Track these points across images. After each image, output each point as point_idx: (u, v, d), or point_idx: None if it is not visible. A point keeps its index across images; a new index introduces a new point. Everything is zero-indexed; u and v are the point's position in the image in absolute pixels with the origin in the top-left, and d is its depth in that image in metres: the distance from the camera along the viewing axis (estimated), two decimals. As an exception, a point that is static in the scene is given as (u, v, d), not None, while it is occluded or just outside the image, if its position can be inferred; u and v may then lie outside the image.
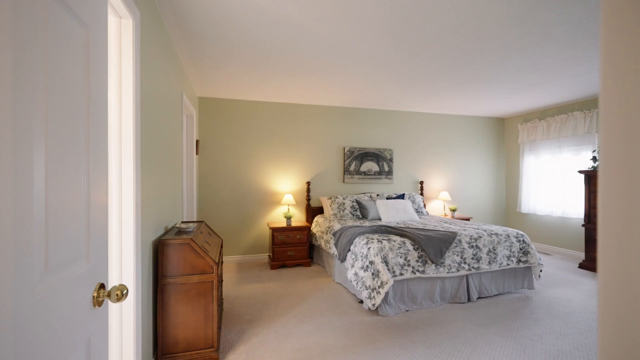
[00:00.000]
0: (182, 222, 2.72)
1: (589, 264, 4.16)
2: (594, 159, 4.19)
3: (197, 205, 4.24)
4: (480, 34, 2.49)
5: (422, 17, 2.24)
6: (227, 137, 4.53)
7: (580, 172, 4.25)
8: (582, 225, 4.28)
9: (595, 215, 4.12)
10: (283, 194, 4.74)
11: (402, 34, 2.50)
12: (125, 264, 1.55)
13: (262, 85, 3.91)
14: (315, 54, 2.92)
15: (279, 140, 4.73)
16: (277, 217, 4.73)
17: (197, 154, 4.12)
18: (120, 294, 0.88)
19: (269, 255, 4.56)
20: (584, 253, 4.49)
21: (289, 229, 4.23)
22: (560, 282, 3.68)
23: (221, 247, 2.77)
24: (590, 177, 4.19)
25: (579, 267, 4.26)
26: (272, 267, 4.19)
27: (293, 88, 4.01)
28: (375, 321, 2.69)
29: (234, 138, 4.56)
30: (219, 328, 2.23)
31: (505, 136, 5.95)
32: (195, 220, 3.83)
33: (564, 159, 4.87)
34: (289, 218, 4.32)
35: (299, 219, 4.82)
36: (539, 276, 3.31)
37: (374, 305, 2.70)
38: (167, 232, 2.29)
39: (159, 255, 1.96)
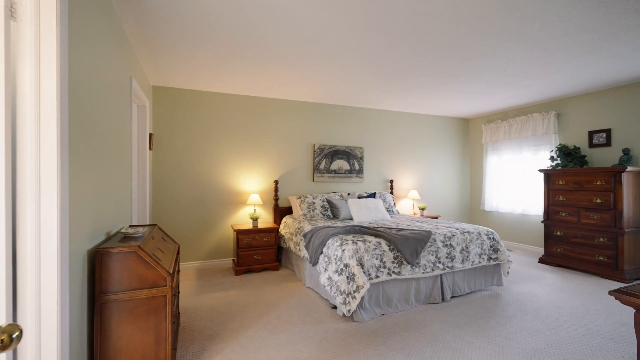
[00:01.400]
0: (130, 226, 2.35)
1: (548, 258, 4.35)
2: (552, 158, 4.40)
3: (150, 206, 3.80)
4: (458, 27, 2.42)
5: (401, 5, 2.10)
6: (185, 132, 4.12)
7: (540, 170, 4.43)
8: (542, 222, 4.47)
9: (554, 212, 4.31)
10: (249, 193, 4.42)
11: (379, 22, 2.35)
12: (45, 283, 1.20)
13: (226, 75, 3.58)
14: (286, 39, 2.68)
15: (244, 136, 4.41)
16: (242, 218, 4.40)
17: (150, 149, 3.69)
18: (8, 339, 0.59)
19: (233, 260, 4.22)
20: (543, 248, 4.70)
21: (255, 230, 3.94)
22: (524, 277, 3.78)
23: (177, 253, 2.43)
24: (549, 176, 4.38)
25: (539, 261, 4.45)
26: (237, 273, 3.87)
27: (261, 79, 3.72)
28: (350, 328, 2.51)
29: (193, 132, 4.16)
30: (174, 349, 1.91)
31: (470, 136, 6.12)
32: (147, 223, 3.40)
33: (524, 158, 5.08)
34: (255, 219, 4.03)
35: (266, 220, 4.54)
36: (508, 273, 3.36)
37: (349, 311, 2.52)
38: (109, 238, 1.93)
39: (96, 268, 1.61)
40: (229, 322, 2.61)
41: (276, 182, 4.52)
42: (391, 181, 5.30)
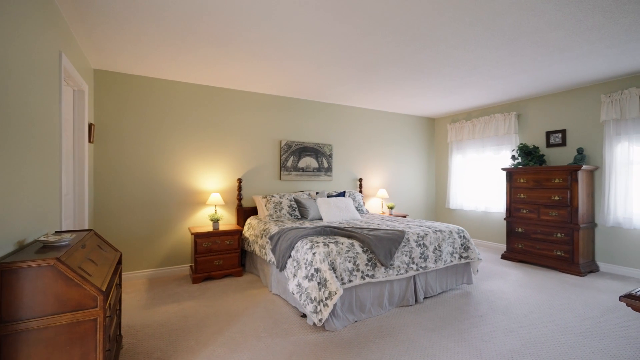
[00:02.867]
0: (57, 232, 1.93)
1: (510, 254, 4.47)
2: (513, 157, 4.53)
3: (90, 208, 3.28)
4: (433, 15, 2.29)
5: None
6: (135, 123, 3.64)
7: (503, 169, 4.55)
8: (504, 219, 4.59)
9: (515, 209, 4.44)
10: (209, 192, 4.04)
11: (352, 6, 2.15)
12: None
13: (182, 59, 3.18)
14: (252, 22, 2.39)
15: (204, 130, 4.01)
16: (201, 220, 4.01)
17: (90, 141, 3.19)
18: None
19: (190, 267, 3.82)
20: (505, 245, 4.84)
21: (215, 233, 3.58)
22: (490, 274, 3.83)
23: (119, 263, 2.05)
24: (511, 174, 4.51)
25: (501, 257, 4.56)
26: (195, 281, 3.48)
27: (222, 67, 3.38)
28: (322, 339, 2.29)
29: (144, 125, 3.69)
30: (110, 382, 1.56)
31: (435, 135, 6.21)
32: (83, 229, 2.92)
33: (486, 157, 5.22)
34: (216, 221, 3.67)
35: (228, 221, 4.18)
36: (477, 271, 3.35)
37: (320, 320, 2.30)
38: (20, 249, 1.52)
39: (-5, 289, 1.23)
40: (183, 341, 2.27)
41: (240, 180, 4.18)
42: (360, 180, 5.18)
